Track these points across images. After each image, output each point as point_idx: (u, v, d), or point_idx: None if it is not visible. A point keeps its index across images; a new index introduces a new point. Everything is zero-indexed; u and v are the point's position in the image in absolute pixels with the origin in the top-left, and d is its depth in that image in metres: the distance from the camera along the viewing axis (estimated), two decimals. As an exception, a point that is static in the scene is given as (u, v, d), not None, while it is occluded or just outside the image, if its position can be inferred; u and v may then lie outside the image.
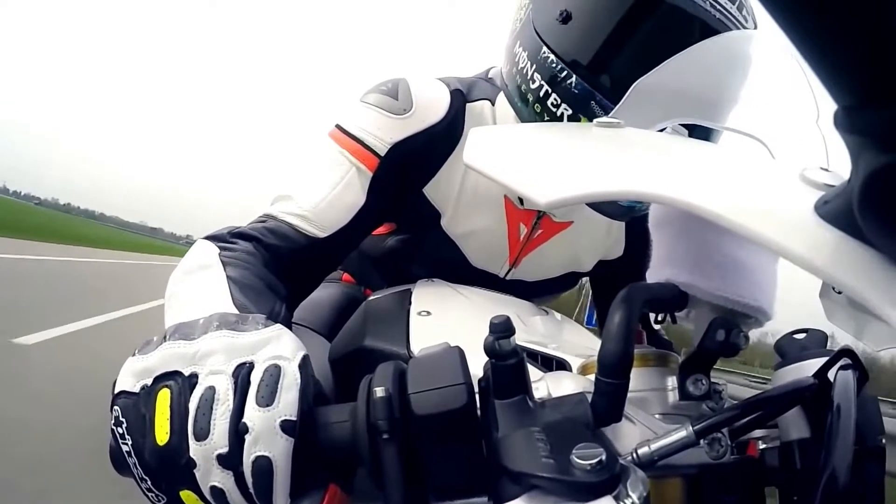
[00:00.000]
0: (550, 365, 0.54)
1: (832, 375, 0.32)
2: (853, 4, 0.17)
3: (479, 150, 0.42)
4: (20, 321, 3.86)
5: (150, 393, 0.35)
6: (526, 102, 0.72)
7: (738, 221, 0.27)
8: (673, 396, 0.38)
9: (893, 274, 0.24)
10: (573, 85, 0.67)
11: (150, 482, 0.34)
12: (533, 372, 0.36)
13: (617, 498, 0.28)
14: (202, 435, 0.33)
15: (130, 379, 0.35)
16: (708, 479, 0.36)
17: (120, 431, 0.34)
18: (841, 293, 0.34)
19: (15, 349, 3.22)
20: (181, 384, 0.35)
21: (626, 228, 0.93)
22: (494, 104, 0.81)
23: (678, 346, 0.43)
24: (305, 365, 0.37)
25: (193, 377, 0.35)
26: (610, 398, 0.32)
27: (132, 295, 7.11)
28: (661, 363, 0.40)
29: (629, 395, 0.32)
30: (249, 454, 0.33)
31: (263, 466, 0.33)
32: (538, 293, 0.94)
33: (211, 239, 0.64)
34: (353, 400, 0.36)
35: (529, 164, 0.40)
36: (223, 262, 0.57)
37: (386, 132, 0.74)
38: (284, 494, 0.34)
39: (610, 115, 0.43)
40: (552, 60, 0.68)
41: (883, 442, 0.32)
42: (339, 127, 0.76)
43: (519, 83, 0.73)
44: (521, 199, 0.82)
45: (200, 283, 0.54)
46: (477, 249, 0.86)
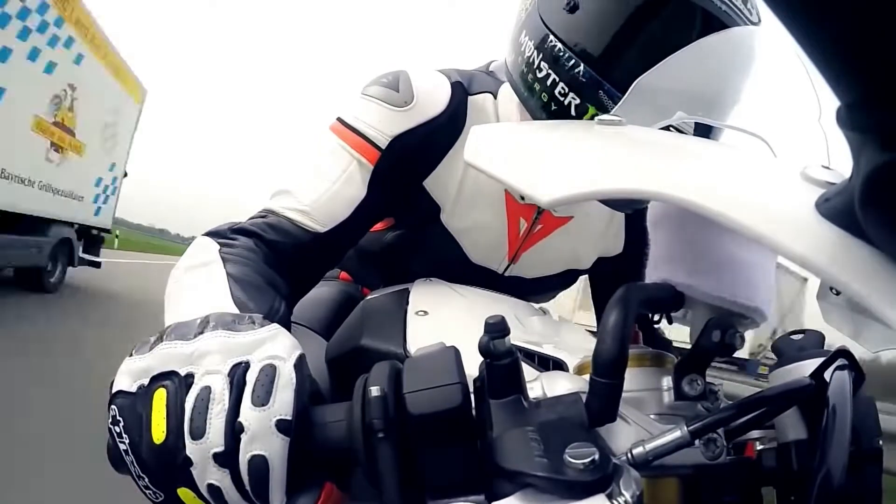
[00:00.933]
0: (547, 365, 0.54)
1: (828, 376, 0.32)
2: (857, 2, 0.17)
3: (480, 148, 0.42)
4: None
5: (146, 392, 0.35)
6: (532, 92, 0.72)
7: (738, 219, 0.26)
8: (668, 396, 0.38)
9: (893, 273, 0.24)
10: (581, 74, 0.67)
11: (147, 480, 0.34)
12: (528, 371, 0.36)
13: (610, 496, 0.28)
14: (198, 434, 0.33)
15: (127, 379, 0.35)
16: (704, 479, 0.36)
17: (117, 430, 0.34)
18: (839, 294, 0.34)
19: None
20: (177, 384, 0.35)
21: (625, 225, 0.93)
22: (496, 97, 0.81)
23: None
24: (301, 364, 0.37)
25: (189, 377, 0.35)
26: (604, 398, 0.32)
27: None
28: (656, 363, 0.40)
29: (624, 395, 0.32)
30: (245, 453, 0.33)
31: (259, 465, 0.33)
32: (536, 291, 0.94)
33: (211, 235, 0.63)
34: (349, 399, 0.36)
35: (531, 162, 0.40)
36: (223, 258, 0.57)
37: (387, 125, 0.73)
38: (280, 493, 0.34)
39: (611, 112, 0.43)
40: (559, 49, 0.68)
41: (880, 444, 0.32)
42: (339, 120, 0.76)
43: (525, 72, 0.72)
44: (521, 195, 0.81)
45: (200, 280, 0.54)
46: (476, 244, 0.86)
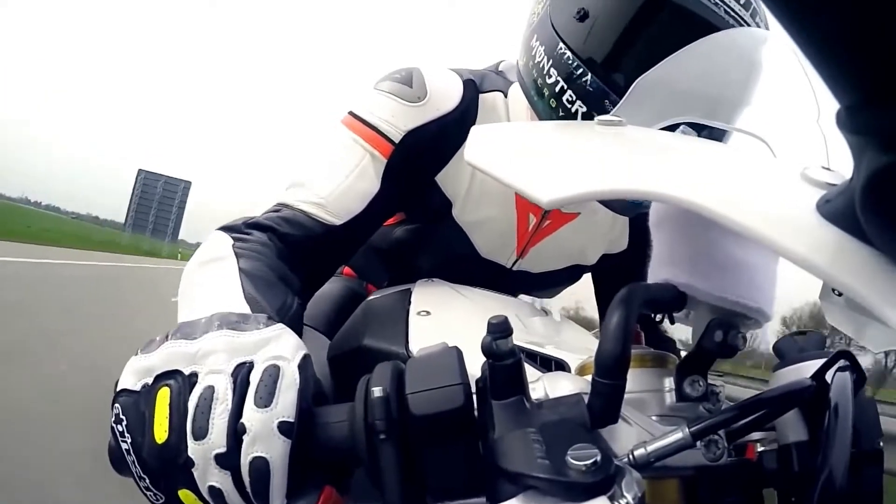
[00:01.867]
0: (549, 365, 0.54)
1: (830, 377, 0.32)
2: (856, 4, 0.17)
3: (480, 148, 0.42)
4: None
5: (150, 391, 0.35)
6: (542, 96, 0.72)
7: (738, 220, 0.26)
8: (670, 398, 0.38)
9: (894, 274, 0.24)
10: (588, 83, 0.67)
11: (148, 481, 0.34)
12: (531, 372, 0.36)
13: (612, 498, 0.28)
14: (201, 434, 0.33)
15: (132, 377, 0.35)
16: (705, 481, 0.36)
17: (119, 429, 0.34)
18: (841, 295, 0.34)
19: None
20: (181, 383, 0.35)
21: (630, 223, 0.94)
22: (507, 96, 0.82)
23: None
24: (305, 365, 0.36)
25: (193, 376, 0.35)
26: (606, 399, 0.32)
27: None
28: (658, 364, 0.40)
29: (626, 396, 0.32)
30: (247, 455, 0.33)
31: (261, 467, 0.33)
32: (542, 286, 0.94)
33: (225, 230, 0.63)
34: (351, 399, 0.36)
35: (531, 162, 0.40)
36: (237, 253, 0.57)
37: (400, 119, 0.73)
38: (281, 495, 0.34)
39: (612, 113, 0.43)
40: (569, 57, 0.68)
41: (881, 445, 0.32)
42: (352, 114, 0.76)
43: (535, 77, 0.73)
44: None
45: (213, 276, 0.54)
46: (486, 238, 0.86)
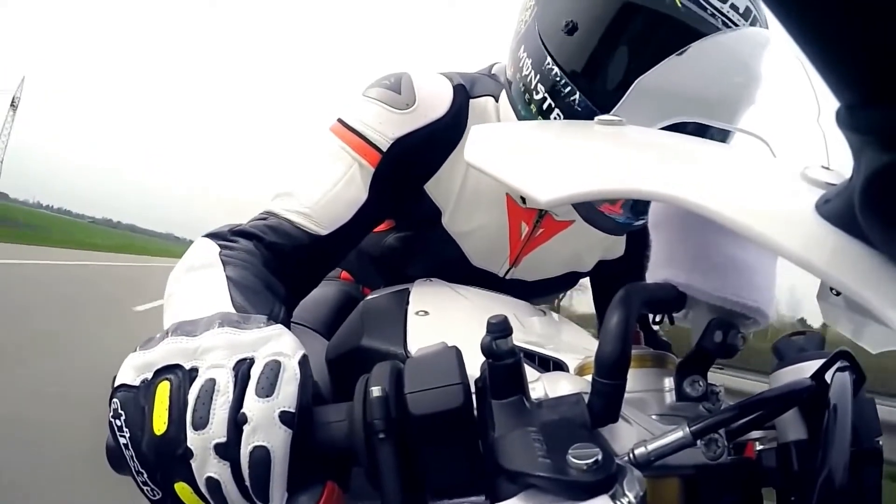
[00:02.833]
0: (548, 365, 0.54)
1: (829, 377, 0.32)
2: (856, 3, 0.17)
3: (480, 147, 0.42)
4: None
5: (149, 385, 0.35)
6: (528, 111, 0.72)
7: (738, 220, 0.26)
8: (670, 397, 0.38)
9: (893, 274, 0.24)
10: (576, 102, 0.66)
11: (146, 475, 0.33)
12: (530, 372, 0.36)
13: (613, 497, 0.28)
14: (201, 424, 0.33)
15: (131, 373, 0.35)
16: (705, 479, 0.36)
17: (118, 424, 0.34)
18: (839, 295, 0.34)
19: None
20: (181, 377, 0.35)
21: None
22: (498, 101, 0.81)
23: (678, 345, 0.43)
24: (305, 364, 0.37)
25: (194, 371, 0.35)
26: (607, 399, 0.32)
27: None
28: (658, 364, 0.40)
29: (626, 395, 0.32)
30: (247, 444, 0.33)
31: (261, 457, 0.33)
32: (537, 293, 0.93)
33: (211, 237, 0.63)
34: (349, 399, 0.36)
35: (530, 161, 0.40)
36: (223, 261, 0.56)
37: (388, 127, 0.73)
38: (281, 488, 0.34)
39: (611, 112, 0.43)
40: (556, 73, 0.67)
41: (880, 444, 0.32)
42: (340, 121, 0.75)
43: (522, 91, 0.72)
44: (522, 198, 0.81)
45: (200, 282, 0.54)
46: (477, 247, 0.86)
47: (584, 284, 1.05)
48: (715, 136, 0.59)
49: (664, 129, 0.46)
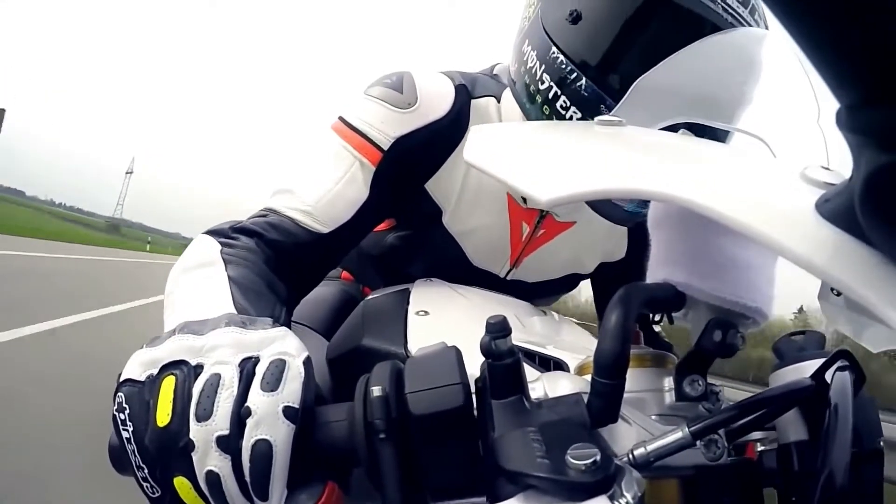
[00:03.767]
0: (548, 365, 0.54)
1: (829, 377, 0.32)
2: (856, 4, 0.17)
3: (479, 147, 0.42)
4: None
5: (154, 380, 0.35)
6: (534, 102, 0.72)
7: (737, 219, 0.26)
8: (669, 397, 0.38)
9: (893, 274, 0.24)
10: (583, 87, 0.66)
11: (146, 471, 0.33)
12: (530, 372, 0.36)
13: (611, 498, 0.28)
14: (204, 416, 0.33)
15: (137, 368, 0.35)
16: (704, 480, 0.36)
17: (122, 417, 0.34)
18: (840, 295, 0.34)
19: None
20: (187, 372, 0.35)
21: (628, 230, 0.93)
22: (500, 101, 0.81)
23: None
24: (309, 364, 0.37)
25: (199, 367, 0.35)
26: (606, 398, 0.32)
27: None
28: (657, 364, 0.40)
29: (626, 395, 0.32)
30: (250, 437, 0.33)
31: (263, 451, 0.33)
32: (538, 294, 0.93)
33: (212, 234, 0.63)
34: (350, 399, 0.36)
35: (530, 161, 0.40)
36: (224, 259, 0.57)
37: (389, 126, 0.73)
38: (281, 485, 0.34)
39: (611, 113, 0.43)
40: (562, 61, 0.67)
41: (881, 444, 0.32)
42: (342, 119, 0.75)
43: (527, 83, 0.72)
44: (524, 198, 0.81)
45: (202, 282, 0.54)
46: (478, 248, 0.86)
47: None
48: (714, 135, 0.59)
49: (664, 129, 0.46)
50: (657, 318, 0.41)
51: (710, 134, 0.59)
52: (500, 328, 0.33)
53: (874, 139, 0.20)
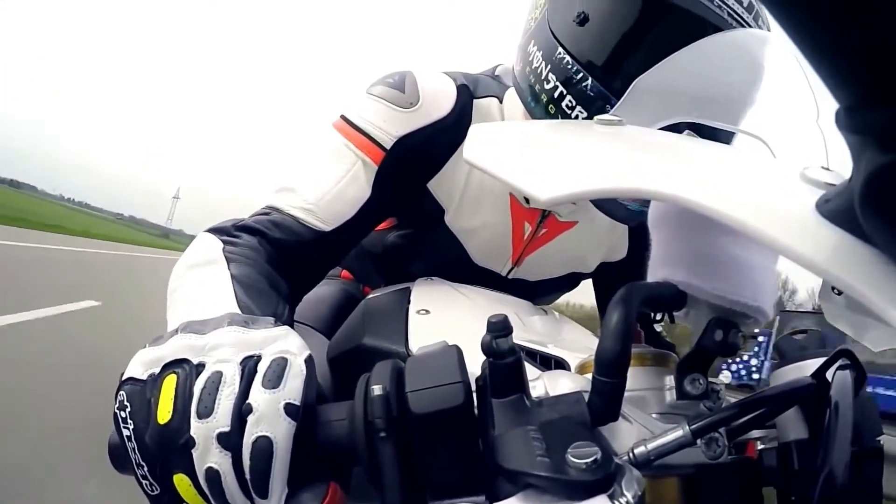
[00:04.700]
0: (549, 364, 0.54)
1: (830, 375, 0.32)
2: (855, 4, 0.17)
3: (478, 146, 0.41)
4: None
5: (156, 379, 0.35)
6: (538, 102, 0.72)
7: (738, 219, 0.26)
8: (670, 396, 0.38)
9: (894, 274, 0.24)
10: (588, 87, 0.66)
11: (146, 468, 0.34)
12: (530, 371, 0.36)
13: (612, 497, 0.28)
14: (205, 413, 0.33)
15: (139, 367, 0.36)
16: (705, 478, 0.36)
17: (123, 415, 0.34)
18: (841, 294, 0.34)
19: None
20: (188, 371, 0.35)
21: (629, 230, 0.93)
22: (502, 102, 0.81)
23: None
24: (310, 363, 0.37)
25: (201, 365, 0.35)
26: (607, 397, 0.32)
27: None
28: (658, 362, 0.40)
29: (626, 394, 0.32)
30: (251, 434, 0.33)
31: (264, 447, 0.33)
32: (539, 293, 0.93)
33: (214, 232, 0.63)
34: (350, 398, 0.36)
35: (529, 160, 0.40)
36: (227, 258, 0.57)
37: (392, 125, 0.73)
38: (281, 483, 0.34)
39: (611, 112, 0.43)
40: (568, 62, 0.67)
41: (881, 443, 0.32)
42: (344, 118, 0.75)
43: (532, 83, 0.72)
44: (526, 198, 0.81)
45: (204, 280, 0.54)
46: (480, 246, 0.86)
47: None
48: (715, 136, 0.59)
49: (665, 129, 0.46)
50: (658, 317, 0.41)
51: (712, 135, 0.59)
52: (501, 327, 0.33)
53: (874, 139, 0.20)
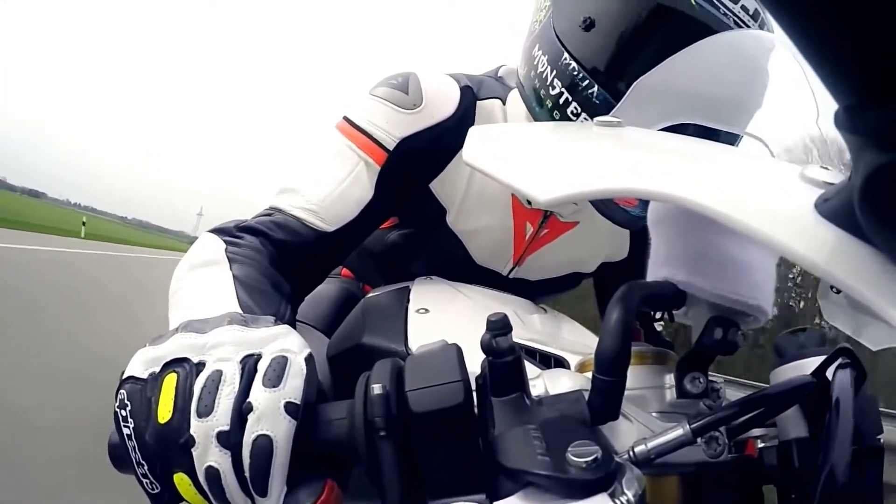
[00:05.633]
0: (548, 362, 0.54)
1: (830, 374, 0.32)
2: (855, 5, 0.17)
3: (478, 148, 0.42)
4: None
5: (156, 378, 0.35)
6: (543, 106, 0.71)
7: (737, 218, 0.26)
8: (670, 394, 0.38)
9: (893, 273, 0.24)
10: (594, 94, 0.66)
11: (146, 467, 0.34)
12: (530, 369, 0.36)
13: (612, 495, 0.28)
14: (205, 412, 0.33)
15: (140, 366, 0.36)
16: (705, 477, 0.36)
17: (123, 414, 0.34)
18: (840, 293, 0.34)
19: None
20: (188, 370, 0.35)
21: (631, 231, 0.93)
22: (505, 103, 0.81)
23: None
24: (311, 362, 0.37)
25: (201, 364, 0.35)
26: (607, 396, 0.32)
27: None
28: (658, 361, 0.40)
29: (627, 392, 0.32)
30: (251, 433, 0.33)
31: (263, 446, 0.33)
32: (540, 292, 0.94)
33: (217, 232, 0.63)
34: (350, 397, 0.36)
35: (529, 162, 0.40)
36: (229, 258, 0.57)
37: (395, 126, 0.73)
38: (281, 481, 0.34)
39: (611, 114, 0.43)
40: (573, 67, 0.67)
41: (881, 441, 0.32)
42: (347, 119, 0.75)
43: (537, 87, 0.72)
44: (528, 199, 0.81)
45: (206, 280, 0.54)
46: (482, 247, 0.86)
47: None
48: (714, 138, 0.59)
49: (667, 130, 0.46)
50: (658, 315, 0.41)
51: (716, 136, 0.59)
52: (500, 326, 0.33)
53: (873, 140, 0.20)
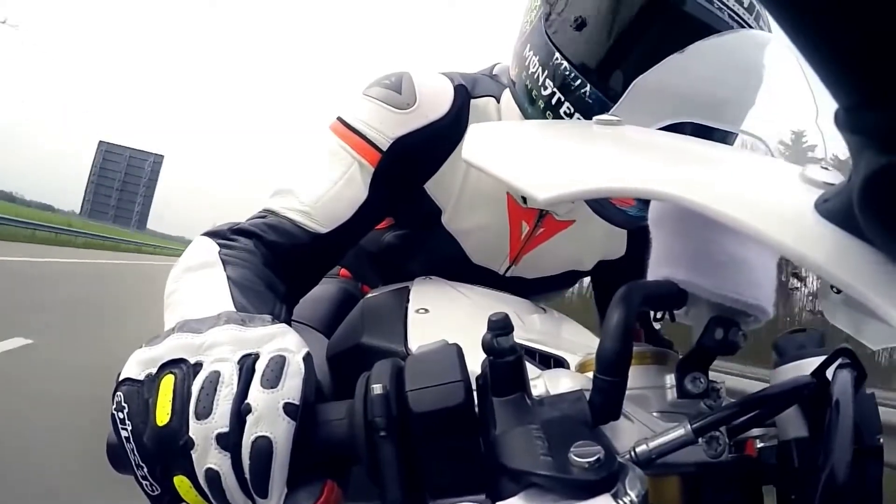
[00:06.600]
0: (548, 363, 0.54)
1: (830, 374, 0.32)
2: (855, 5, 0.17)
3: (477, 146, 0.42)
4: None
5: (153, 379, 0.35)
6: (535, 107, 0.71)
7: (737, 218, 0.26)
8: (671, 394, 0.38)
9: (893, 273, 0.24)
10: (587, 94, 0.66)
11: (145, 469, 0.33)
12: (531, 369, 0.36)
13: (615, 496, 0.28)
14: (204, 414, 0.33)
15: (136, 367, 0.35)
16: (706, 477, 0.36)
17: (120, 416, 0.34)
18: (840, 292, 0.34)
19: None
20: (186, 370, 0.35)
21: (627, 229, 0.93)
22: (500, 101, 0.80)
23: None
24: (309, 361, 0.37)
25: (198, 365, 0.35)
26: (608, 396, 0.32)
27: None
28: (659, 361, 0.40)
29: (627, 392, 0.32)
30: (250, 434, 0.33)
31: (263, 447, 0.33)
32: (537, 291, 0.94)
33: (211, 235, 0.63)
34: (349, 397, 0.36)
35: (528, 160, 0.40)
36: (223, 260, 0.57)
37: (388, 126, 0.73)
38: (281, 482, 0.33)
39: (609, 112, 0.43)
40: (566, 68, 0.67)
41: (881, 441, 0.32)
42: (340, 120, 0.75)
43: (529, 87, 0.72)
44: (523, 198, 0.81)
45: (201, 282, 0.54)
46: (477, 246, 0.86)
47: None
48: (714, 137, 0.59)
49: (666, 129, 0.46)
50: (658, 315, 0.41)
51: (714, 135, 0.59)
52: (502, 325, 0.33)
53: (873, 140, 0.20)
